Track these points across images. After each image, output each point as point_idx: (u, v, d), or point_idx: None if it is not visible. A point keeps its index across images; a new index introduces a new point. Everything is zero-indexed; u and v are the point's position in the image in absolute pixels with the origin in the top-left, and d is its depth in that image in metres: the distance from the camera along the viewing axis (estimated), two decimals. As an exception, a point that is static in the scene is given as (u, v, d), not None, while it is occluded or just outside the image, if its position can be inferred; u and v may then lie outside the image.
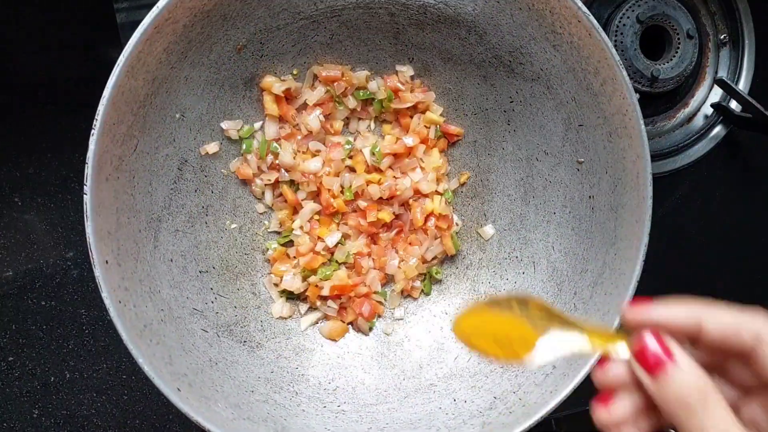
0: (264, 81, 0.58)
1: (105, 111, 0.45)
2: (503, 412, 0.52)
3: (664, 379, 0.29)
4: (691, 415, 0.28)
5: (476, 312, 0.37)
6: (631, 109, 0.50)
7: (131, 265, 0.50)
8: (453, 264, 0.64)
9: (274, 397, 0.54)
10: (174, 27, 0.48)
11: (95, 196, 0.46)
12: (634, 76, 0.65)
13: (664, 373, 0.29)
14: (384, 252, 0.62)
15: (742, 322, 0.29)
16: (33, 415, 0.66)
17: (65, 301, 0.67)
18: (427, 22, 0.57)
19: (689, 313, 0.30)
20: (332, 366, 0.59)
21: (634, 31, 0.64)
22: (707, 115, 0.72)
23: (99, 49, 0.68)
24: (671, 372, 0.29)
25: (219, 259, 0.58)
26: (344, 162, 0.60)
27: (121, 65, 0.46)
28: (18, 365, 0.66)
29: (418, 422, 0.54)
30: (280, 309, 0.60)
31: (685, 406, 0.28)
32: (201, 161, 0.57)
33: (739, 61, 0.72)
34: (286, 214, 0.61)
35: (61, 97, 0.68)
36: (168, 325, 0.51)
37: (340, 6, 0.56)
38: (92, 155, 0.45)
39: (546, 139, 0.58)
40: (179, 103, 0.53)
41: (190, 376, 0.49)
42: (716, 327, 0.30)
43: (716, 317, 0.30)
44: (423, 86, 0.61)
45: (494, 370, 0.57)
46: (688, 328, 0.30)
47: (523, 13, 0.53)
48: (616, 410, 0.31)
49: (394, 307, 0.63)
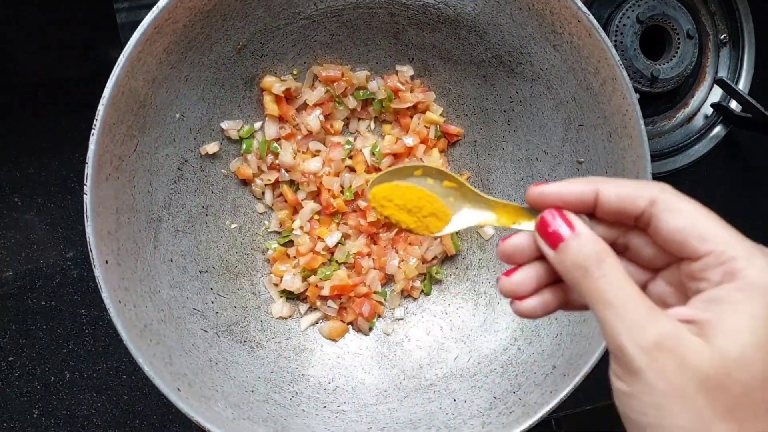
0: (264, 81, 0.58)
1: (105, 111, 0.45)
2: (503, 412, 0.52)
3: (563, 248, 0.30)
4: (588, 276, 0.29)
5: (393, 183, 0.38)
6: (631, 109, 0.50)
7: (131, 265, 0.50)
8: (453, 264, 0.64)
9: (274, 397, 0.54)
10: (174, 27, 0.48)
11: (95, 196, 0.46)
12: (634, 76, 0.65)
13: (563, 243, 0.30)
14: (384, 252, 0.62)
15: (638, 189, 0.30)
16: (33, 415, 0.66)
17: (65, 301, 0.67)
18: (427, 22, 0.57)
19: (586, 185, 0.31)
20: (332, 366, 0.59)
21: (634, 31, 0.64)
22: (707, 115, 0.72)
23: (99, 49, 0.68)
24: (569, 240, 0.30)
25: (219, 259, 0.58)
26: (344, 162, 0.60)
27: (121, 65, 0.46)
28: (18, 365, 0.66)
29: (418, 422, 0.54)
30: (280, 309, 0.60)
31: (582, 270, 0.29)
32: (201, 161, 0.57)
33: (739, 61, 0.72)
34: (286, 214, 0.61)
35: (61, 97, 0.68)
36: (168, 325, 0.51)
37: (340, 6, 0.56)
38: (92, 155, 0.45)
39: (546, 139, 0.58)
40: (179, 103, 0.53)
41: (190, 376, 0.49)
42: (613, 195, 0.30)
43: (613, 187, 0.31)
44: (423, 86, 0.61)
45: (494, 370, 0.57)
46: (585, 197, 0.31)
47: (523, 13, 0.53)
48: (517, 277, 0.33)
49: (394, 307, 0.63)
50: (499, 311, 0.60)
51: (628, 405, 0.28)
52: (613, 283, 0.28)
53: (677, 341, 0.26)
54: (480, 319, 0.61)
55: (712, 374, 0.26)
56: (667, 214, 0.29)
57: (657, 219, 0.29)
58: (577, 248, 0.30)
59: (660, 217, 0.29)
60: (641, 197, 0.30)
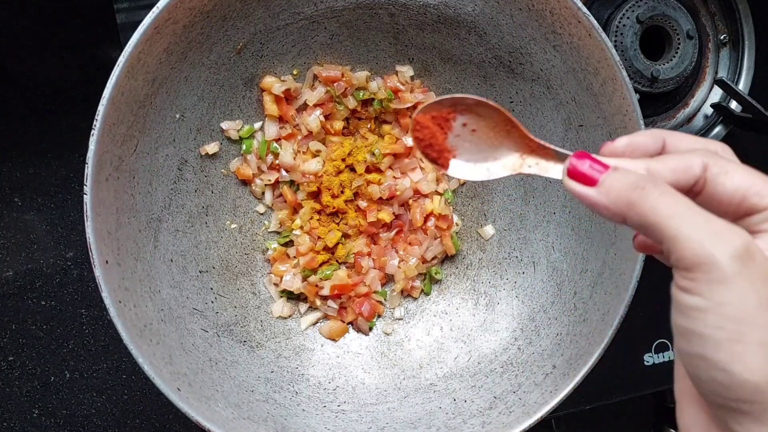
0: (264, 81, 0.58)
1: (105, 111, 0.45)
2: (503, 412, 0.52)
3: (606, 180, 0.29)
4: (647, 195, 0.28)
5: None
6: (631, 109, 0.50)
7: (131, 265, 0.50)
8: (453, 264, 0.64)
9: (274, 397, 0.54)
10: (174, 27, 0.48)
11: (95, 196, 0.46)
12: (634, 77, 0.65)
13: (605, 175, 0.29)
14: (384, 252, 0.62)
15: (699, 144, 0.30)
16: (33, 414, 0.66)
17: (65, 301, 0.68)
18: (427, 23, 0.57)
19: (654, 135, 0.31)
20: (332, 366, 0.59)
21: (634, 32, 0.64)
22: (707, 115, 0.72)
23: (99, 49, 0.68)
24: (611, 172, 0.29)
25: (219, 259, 0.58)
26: (344, 162, 0.60)
27: (121, 65, 0.46)
28: (18, 365, 0.66)
29: (418, 422, 0.54)
30: (280, 309, 0.60)
31: (638, 191, 0.28)
32: (201, 161, 0.57)
33: (739, 61, 0.72)
34: (286, 214, 0.61)
35: (61, 97, 0.68)
36: (168, 325, 0.51)
37: (340, 6, 0.56)
38: (92, 155, 0.45)
39: (546, 139, 0.58)
40: (179, 103, 0.53)
41: (190, 376, 0.49)
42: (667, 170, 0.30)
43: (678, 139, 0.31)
44: (423, 86, 0.61)
45: (494, 370, 0.57)
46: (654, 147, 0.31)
47: (523, 14, 0.53)
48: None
49: (394, 307, 0.63)
50: (499, 311, 0.60)
51: (701, 320, 0.26)
52: (677, 196, 0.27)
53: (756, 248, 0.26)
54: (480, 319, 0.61)
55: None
56: (722, 177, 0.29)
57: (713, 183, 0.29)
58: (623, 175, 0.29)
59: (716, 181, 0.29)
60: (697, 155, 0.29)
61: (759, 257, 0.26)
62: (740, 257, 0.25)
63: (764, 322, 0.25)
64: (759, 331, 0.25)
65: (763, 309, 0.25)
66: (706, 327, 0.26)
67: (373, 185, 0.60)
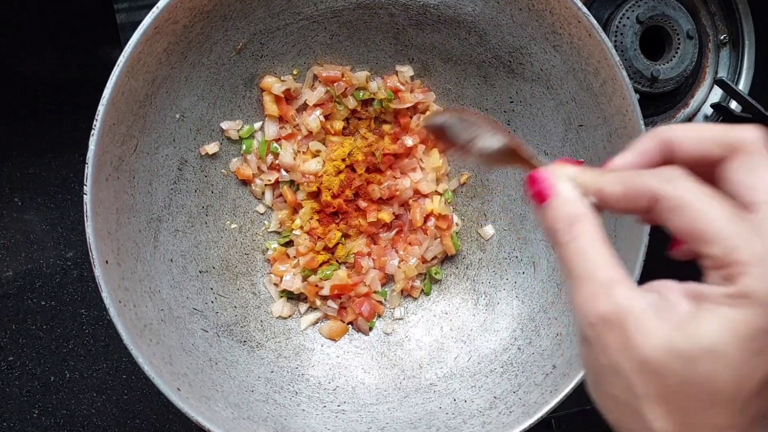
0: (264, 81, 0.58)
1: (105, 111, 0.45)
2: (503, 412, 0.52)
3: (543, 208, 0.30)
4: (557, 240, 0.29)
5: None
6: (631, 110, 0.50)
7: (131, 265, 0.50)
8: (453, 264, 0.64)
9: (274, 397, 0.54)
10: (174, 27, 0.48)
11: (95, 196, 0.46)
12: (634, 77, 0.65)
13: (545, 203, 0.30)
14: (384, 252, 0.62)
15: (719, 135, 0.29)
16: (33, 414, 0.66)
17: (65, 301, 0.68)
18: (427, 23, 0.57)
19: (654, 140, 0.31)
20: (332, 366, 0.59)
21: (634, 32, 0.64)
22: (707, 115, 0.72)
23: (99, 49, 0.68)
24: (550, 201, 0.30)
25: (219, 259, 0.58)
26: (344, 162, 0.60)
27: (121, 65, 0.46)
28: (18, 365, 0.66)
29: (418, 422, 0.54)
30: (280, 309, 0.60)
31: (553, 233, 0.29)
32: (201, 161, 0.57)
33: (739, 62, 0.72)
34: (286, 214, 0.61)
35: (61, 97, 0.68)
36: (168, 325, 0.51)
37: (340, 6, 0.56)
38: (92, 155, 0.45)
39: (546, 139, 0.58)
40: (179, 103, 0.53)
41: (190, 376, 0.49)
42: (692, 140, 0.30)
43: (684, 138, 0.30)
44: (423, 86, 0.61)
45: (494, 370, 0.57)
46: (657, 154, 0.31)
47: (523, 14, 0.53)
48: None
49: (394, 307, 0.63)
50: (499, 311, 0.60)
51: (583, 365, 0.30)
52: (579, 249, 0.28)
53: (627, 318, 0.26)
54: (480, 319, 0.61)
55: (653, 359, 0.25)
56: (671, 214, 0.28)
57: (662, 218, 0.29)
58: (553, 209, 0.30)
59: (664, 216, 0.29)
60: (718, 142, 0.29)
61: (623, 323, 0.26)
62: (595, 325, 0.27)
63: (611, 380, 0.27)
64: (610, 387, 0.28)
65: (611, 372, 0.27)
66: (585, 370, 0.30)
67: (373, 185, 0.60)
